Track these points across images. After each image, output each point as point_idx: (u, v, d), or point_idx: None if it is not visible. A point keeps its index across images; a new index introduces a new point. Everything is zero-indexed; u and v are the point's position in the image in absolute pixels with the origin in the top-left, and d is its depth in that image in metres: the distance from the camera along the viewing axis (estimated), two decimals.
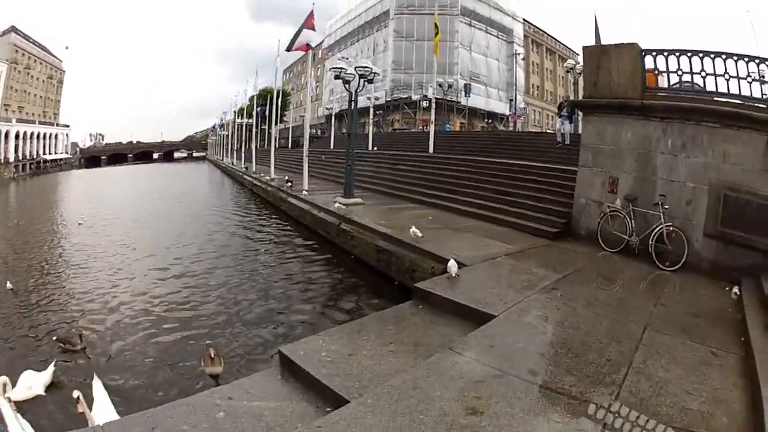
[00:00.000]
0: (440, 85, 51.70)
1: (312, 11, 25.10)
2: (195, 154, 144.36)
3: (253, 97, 61.06)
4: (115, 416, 6.98)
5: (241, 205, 36.22)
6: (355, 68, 20.65)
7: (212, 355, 8.29)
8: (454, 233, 13.82)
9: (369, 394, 5.01)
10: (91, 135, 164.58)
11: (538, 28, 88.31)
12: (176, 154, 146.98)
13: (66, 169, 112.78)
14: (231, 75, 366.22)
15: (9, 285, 15.87)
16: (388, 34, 68.58)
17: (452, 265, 9.57)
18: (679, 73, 11.35)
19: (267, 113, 53.51)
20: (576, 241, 12.64)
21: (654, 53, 11.68)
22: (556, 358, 5.77)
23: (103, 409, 7.29)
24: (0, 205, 47.30)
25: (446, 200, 18.36)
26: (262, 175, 40.69)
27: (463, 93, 62.02)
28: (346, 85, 20.85)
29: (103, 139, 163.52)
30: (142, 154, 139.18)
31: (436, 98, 36.83)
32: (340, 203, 19.48)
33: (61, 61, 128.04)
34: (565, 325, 6.86)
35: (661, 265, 10.21)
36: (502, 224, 14.47)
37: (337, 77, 21.23)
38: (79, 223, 30.19)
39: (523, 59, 77.76)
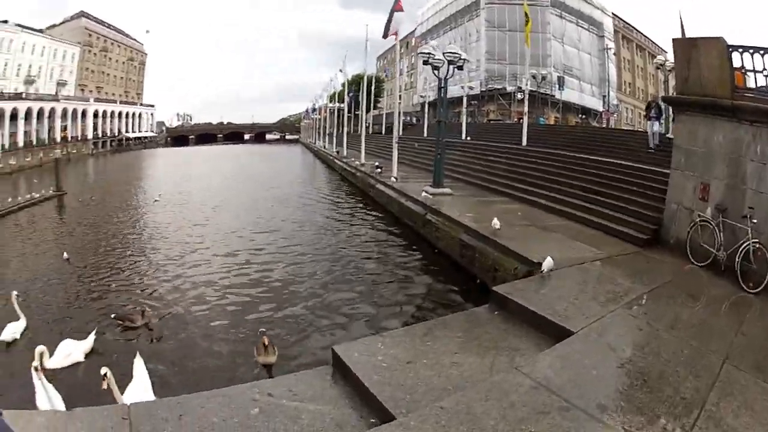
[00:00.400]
0: (534, 77, 50.88)
1: None
2: (288, 137, 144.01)
3: (344, 82, 60.96)
4: (150, 397, 7.00)
5: (329, 189, 36.42)
6: (443, 53, 20.24)
7: (266, 344, 8.01)
8: (541, 232, 13.32)
9: (415, 415, 4.68)
10: (178, 115, 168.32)
11: (627, 22, 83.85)
12: (268, 136, 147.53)
13: (151, 147, 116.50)
14: (321, 60, 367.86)
15: (65, 255, 16.76)
16: (480, 24, 67.62)
17: (548, 262, 9.29)
18: (765, 73, 10.40)
19: (359, 99, 54.02)
20: (665, 250, 11.75)
21: (740, 50, 10.68)
22: (629, 392, 5.23)
23: (139, 389, 7.26)
24: (76, 181, 47.82)
25: (535, 195, 17.70)
26: (352, 159, 41.02)
27: (557, 86, 60.85)
28: (435, 72, 20.51)
29: (191, 120, 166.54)
30: (232, 134, 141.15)
31: (530, 90, 35.87)
32: (427, 193, 19.33)
33: (142, 44, 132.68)
34: (646, 350, 6.27)
35: (744, 286, 9.19)
36: (591, 225, 13.83)
37: (425, 62, 21.01)
38: (155, 200, 31.03)
39: (615, 54, 74.85)
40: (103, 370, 6.45)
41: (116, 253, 18.49)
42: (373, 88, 56.15)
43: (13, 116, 78.09)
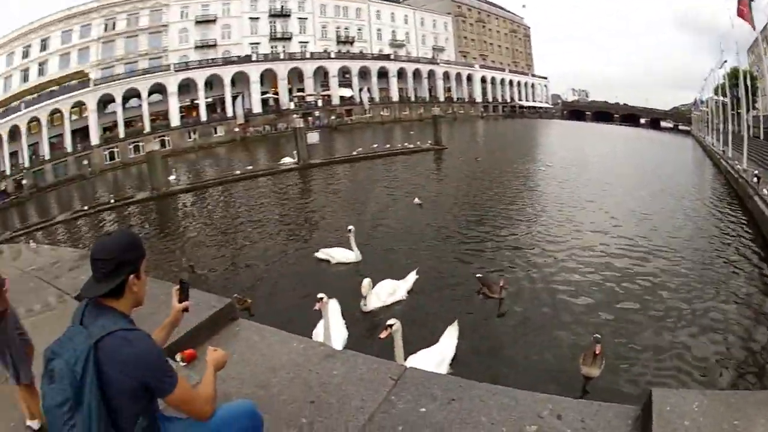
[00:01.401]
0: None
1: None
2: (681, 127, 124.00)
3: (724, 75, 53.84)
4: (442, 370, 6.57)
5: (714, 195, 29.24)
6: None
7: (596, 353, 6.86)
8: None
9: None
10: (573, 90, 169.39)
11: None
12: (662, 123, 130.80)
13: (546, 118, 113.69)
14: (700, 46, 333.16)
15: (417, 200, 17.93)
16: None
17: None
18: None
19: (737, 95, 46.37)
20: None
21: None
22: None
23: (433, 356, 6.82)
24: (460, 139, 48.71)
25: None
26: (735, 162, 34.96)
27: None
28: None
29: (587, 96, 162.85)
30: (628, 116, 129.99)
31: None
32: None
33: (521, 18, 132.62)
34: None
35: None
36: None
37: None
38: (542, 169, 30.68)
39: None
40: (391, 320, 6.04)
41: (481, 210, 18.20)
42: (749, 84, 50.01)
43: (382, 74, 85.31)
